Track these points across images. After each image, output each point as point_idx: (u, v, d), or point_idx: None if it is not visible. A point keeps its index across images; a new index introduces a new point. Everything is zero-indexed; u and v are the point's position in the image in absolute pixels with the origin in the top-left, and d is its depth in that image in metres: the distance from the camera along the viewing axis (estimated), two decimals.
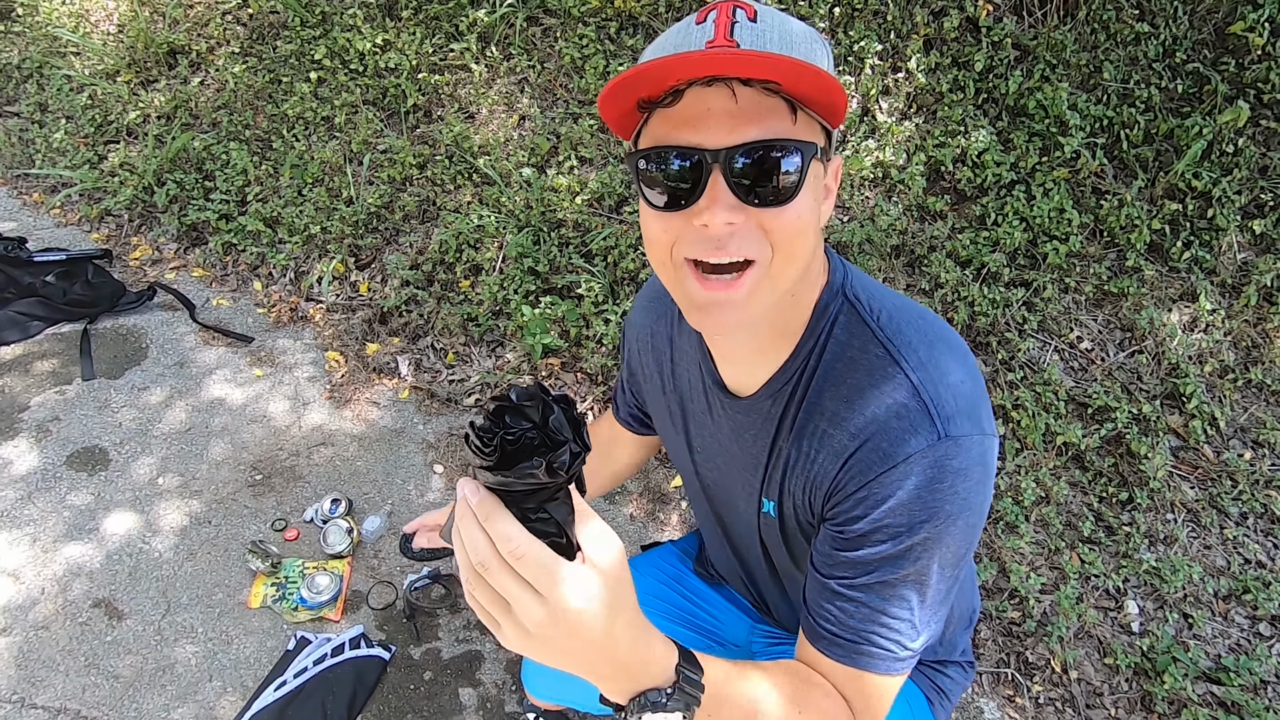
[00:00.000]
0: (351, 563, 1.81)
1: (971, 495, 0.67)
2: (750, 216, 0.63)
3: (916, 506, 0.67)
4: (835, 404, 0.72)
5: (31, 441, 2.06)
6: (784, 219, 0.63)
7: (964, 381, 0.70)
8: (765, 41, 0.61)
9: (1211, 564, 1.84)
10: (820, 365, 0.73)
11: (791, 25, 0.64)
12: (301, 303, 2.51)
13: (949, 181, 2.46)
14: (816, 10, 2.63)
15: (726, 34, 0.61)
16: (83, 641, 1.66)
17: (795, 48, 0.62)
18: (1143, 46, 2.50)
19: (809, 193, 0.64)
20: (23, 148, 3.02)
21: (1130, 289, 2.22)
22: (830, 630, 0.73)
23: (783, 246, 0.64)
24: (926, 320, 0.74)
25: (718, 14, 0.63)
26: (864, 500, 0.69)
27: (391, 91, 2.82)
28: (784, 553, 0.87)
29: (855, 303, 0.74)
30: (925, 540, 0.68)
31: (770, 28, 0.62)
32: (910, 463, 0.66)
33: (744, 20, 0.62)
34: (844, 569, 0.72)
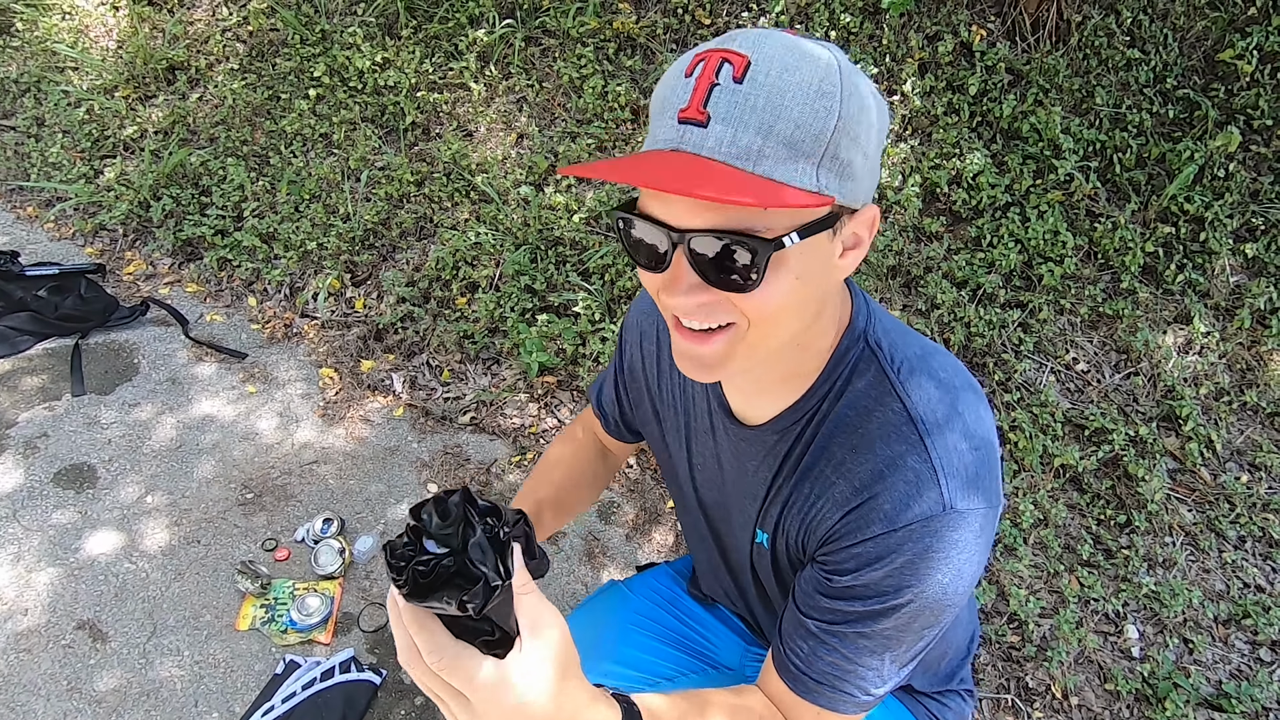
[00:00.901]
0: (343, 584, 1.78)
1: (965, 566, 0.67)
2: (717, 294, 0.60)
3: (908, 572, 0.66)
4: (844, 452, 0.70)
5: (18, 458, 2.03)
6: (751, 303, 0.59)
7: (979, 449, 0.68)
8: (744, 112, 0.54)
9: (1211, 588, 1.83)
10: (834, 411, 0.72)
11: (787, 82, 0.54)
12: (296, 319, 2.49)
13: (944, 203, 2.47)
14: (813, 34, 2.66)
15: (701, 102, 0.55)
16: (65, 664, 1.62)
17: (783, 114, 0.54)
18: (1134, 72, 2.54)
19: (783, 276, 0.59)
20: (18, 161, 3.01)
21: (1125, 311, 2.23)
22: (797, 666, 0.74)
23: (757, 323, 0.61)
24: (949, 374, 0.71)
25: (702, 69, 0.55)
26: (857, 555, 0.68)
27: (390, 109, 2.83)
28: (774, 583, 0.87)
29: (877, 350, 0.71)
30: (909, 603, 0.68)
31: (758, 90, 0.54)
32: (910, 529, 0.66)
33: (727, 81, 0.54)
34: (823, 613, 0.72)
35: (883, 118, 0.61)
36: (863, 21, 2.65)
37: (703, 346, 0.63)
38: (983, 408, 0.71)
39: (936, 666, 1.00)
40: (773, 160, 0.55)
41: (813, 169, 0.56)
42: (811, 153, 0.55)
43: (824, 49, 0.57)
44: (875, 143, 0.60)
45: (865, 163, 0.59)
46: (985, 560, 0.70)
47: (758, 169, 0.54)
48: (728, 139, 0.54)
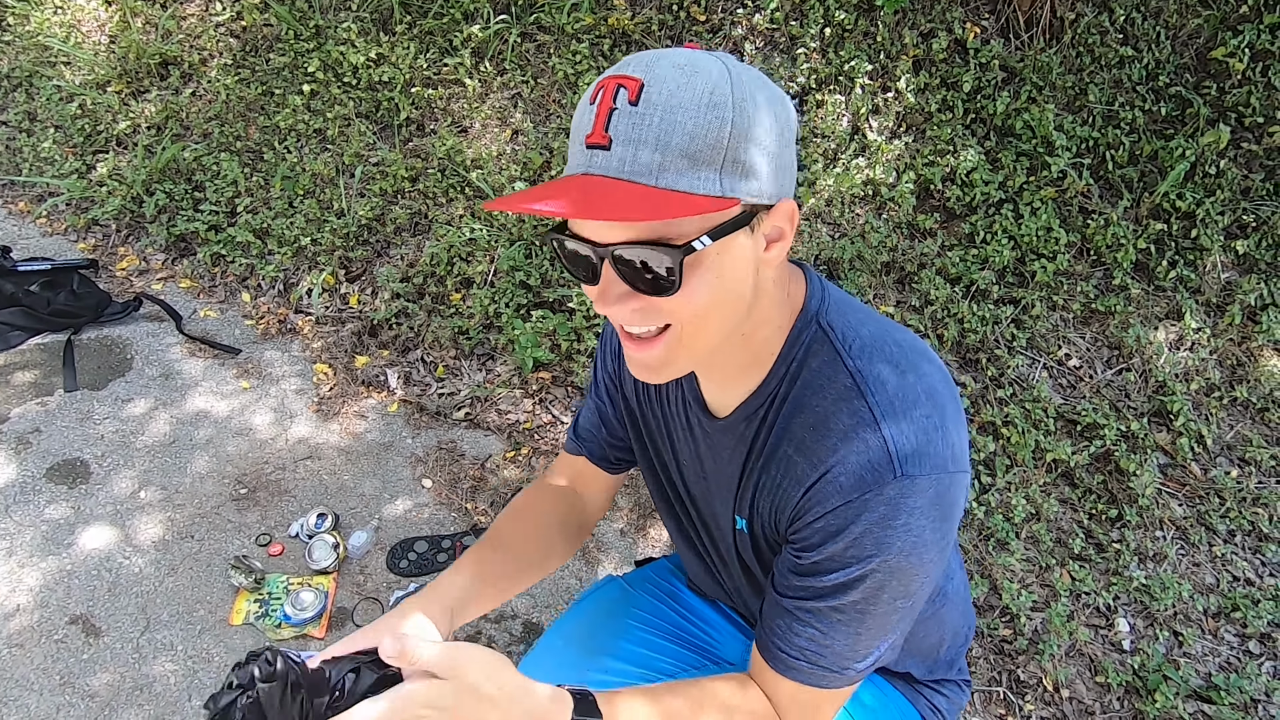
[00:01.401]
0: (337, 579, 1.78)
1: (925, 532, 0.69)
2: (646, 300, 0.64)
3: (868, 541, 0.68)
4: (803, 431, 0.73)
5: (10, 453, 2.02)
6: (675, 304, 0.63)
7: (930, 416, 0.69)
8: (641, 131, 0.58)
9: (1201, 581, 1.84)
10: (792, 392, 0.74)
11: (680, 100, 0.57)
12: (290, 315, 2.49)
13: (938, 200, 2.48)
14: (807, 31, 2.67)
15: (603, 126, 0.59)
16: (58, 659, 1.62)
17: (678, 129, 0.57)
18: (1127, 70, 2.55)
19: (702, 276, 0.62)
20: (9, 156, 3.00)
21: (1117, 307, 2.24)
22: (776, 644, 0.76)
23: (686, 323, 0.65)
24: (902, 349, 0.73)
25: (602, 96, 0.59)
26: (819, 529, 0.71)
27: (384, 105, 2.82)
28: (759, 568, 0.88)
29: (829, 330, 0.74)
30: (875, 573, 0.70)
31: (652, 110, 0.57)
32: (865, 499, 0.68)
33: (624, 104, 0.58)
34: (795, 590, 0.74)
35: (784, 117, 0.64)
36: (857, 18, 2.66)
37: (646, 352, 0.67)
38: (937, 377, 0.73)
39: (935, 654, 1.00)
40: (674, 172, 0.58)
41: (715, 175, 0.59)
42: (710, 160, 0.59)
43: (715, 61, 0.61)
44: (779, 141, 0.63)
45: (770, 161, 0.62)
46: (950, 528, 0.71)
47: (660, 182, 0.58)
48: (629, 158, 0.58)
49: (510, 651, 1.67)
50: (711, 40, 2.79)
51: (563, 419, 2.19)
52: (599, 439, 1.02)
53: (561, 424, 2.18)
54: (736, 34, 2.78)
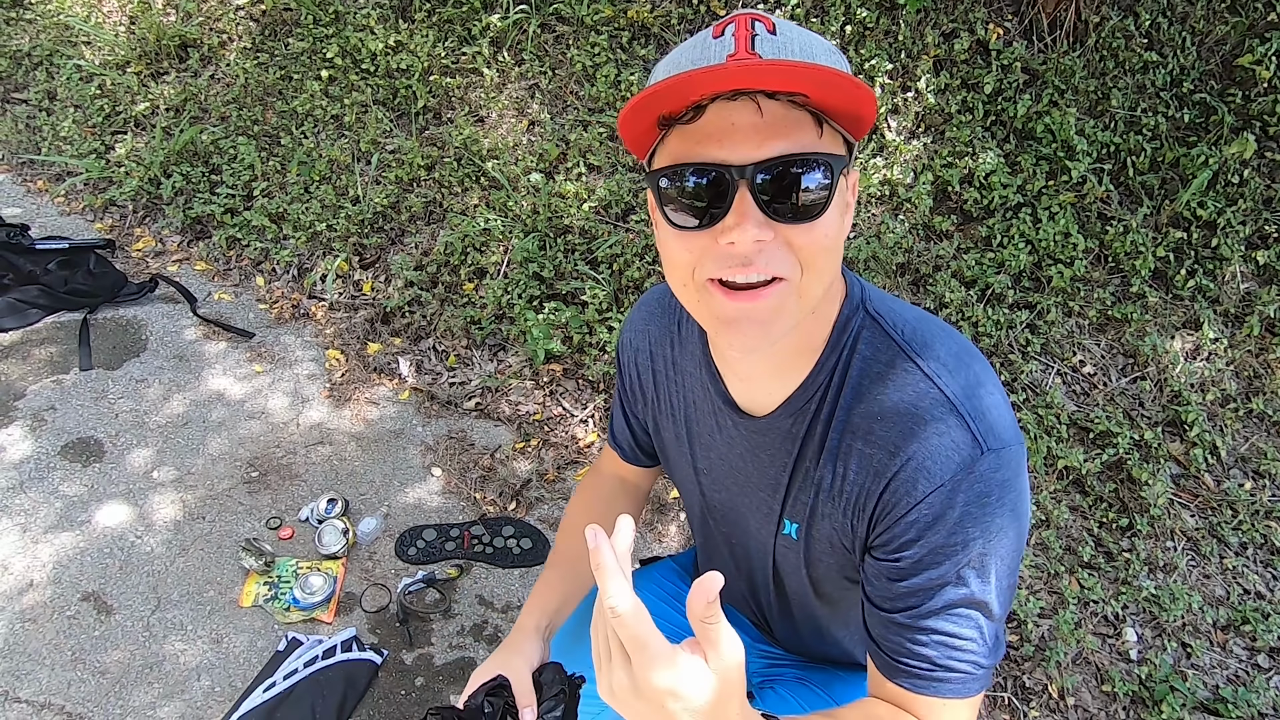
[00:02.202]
0: (346, 564, 1.79)
1: (1019, 504, 0.68)
2: (779, 233, 0.61)
3: (968, 524, 0.66)
4: (869, 422, 0.70)
5: (26, 430, 2.04)
6: (813, 235, 0.62)
7: (994, 393, 0.70)
8: (788, 54, 0.60)
9: (1211, 593, 1.83)
10: (846, 382, 0.72)
11: (812, 39, 0.63)
12: (304, 300, 2.50)
13: (955, 202, 2.47)
14: (829, 28, 2.65)
15: (748, 47, 0.60)
16: (70, 635, 1.63)
17: (817, 59, 0.61)
18: (1151, 75, 2.52)
19: (837, 208, 0.63)
20: (29, 135, 3.01)
21: (1134, 315, 2.22)
22: (906, 664, 0.72)
23: (811, 263, 0.63)
24: (948, 333, 0.74)
25: (736, 27, 0.61)
26: (913, 523, 0.68)
27: (402, 92, 2.82)
28: (802, 575, 0.85)
29: (878, 317, 0.73)
30: (980, 556, 0.67)
31: (791, 40, 0.61)
32: (957, 480, 0.66)
33: (764, 33, 0.60)
34: (905, 599, 0.70)
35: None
36: (879, 16, 2.63)
37: (755, 302, 0.63)
38: (984, 358, 0.73)
39: None
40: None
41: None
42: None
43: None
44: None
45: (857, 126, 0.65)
46: (1029, 497, 0.71)
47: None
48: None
49: None
50: None
51: (573, 411, 2.19)
52: (628, 442, 1.05)
53: (571, 416, 2.18)
54: None
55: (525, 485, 2.00)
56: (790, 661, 1.09)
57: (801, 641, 1.03)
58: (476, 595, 1.76)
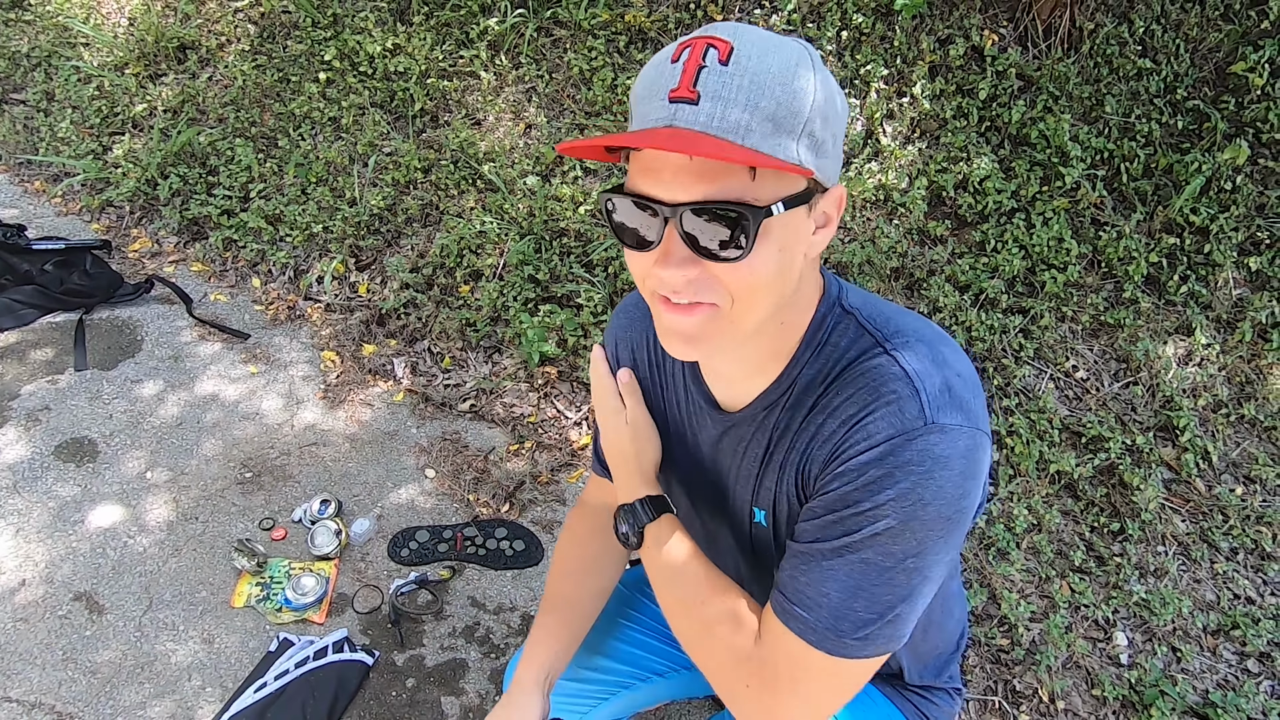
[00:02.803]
0: (338, 565, 1.80)
1: (948, 486, 0.66)
2: (706, 269, 0.64)
3: (887, 484, 0.66)
4: (829, 397, 0.73)
5: (20, 430, 2.04)
6: (739, 274, 0.64)
7: (959, 376, 0.70)
8: (731, 91, 0.59)
9: (1201, 598, 1.84)
10: (817, 371, 0.74)
11: (768, 65, 0.59)
12: (299, 301, 2.50)
13: (950, 207, 2.48)
14: (824, 33, 2.66)
15: (690, 82, 0.59)
16: (61, 635, 1.63)
17: (766, 93, 0.59)
18: (1144, 82, 2.54)
19: (768, 246, 0.63)
20: (27, 135, 3.02)
21: (1126, 320, 2.23)
22: (779, 590, 0.74)
23: (740, 297, 0.65)
24: (924, 324, 0.75)
25: (689, 54, 0.60)
26: (840, 474, 0.69)
27: (399, 95, 2.83)
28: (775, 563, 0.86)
29: (853, 312, 0.75)
30: (888, 519, 0.66)
31: (742, 71, 0.59)
32: (892, 442, 0.66)
33: (714, 64, 0.59)
34: (806, 532, 0.72)
35: (845, 106, 0.68)
36: (875, 22, 2.65)
37: (687, 317, 0.67)
38: (960, 352, 0.74)
39: (928, 658, 1.00)
40: (759, 135, 0.60)
41: (794, 144, 0.61)
42: (792, 129, 0.61)
43: (794, 40, 0.63)
44: (841, 127, 0.66)
45: (834, 144, 0.65)
46: (975, 491, 0.68)
47: (746, 142, 0.59)
48: (718, 114, 0.59)
49: (508, 643, 1.68)
50: None
51: (566, 413, 2.20)
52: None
53: (565, 418, 2.19)
54: None
55: (519, 487, 2.01)
56: None
57: None
58: (469, 597, 1.76)
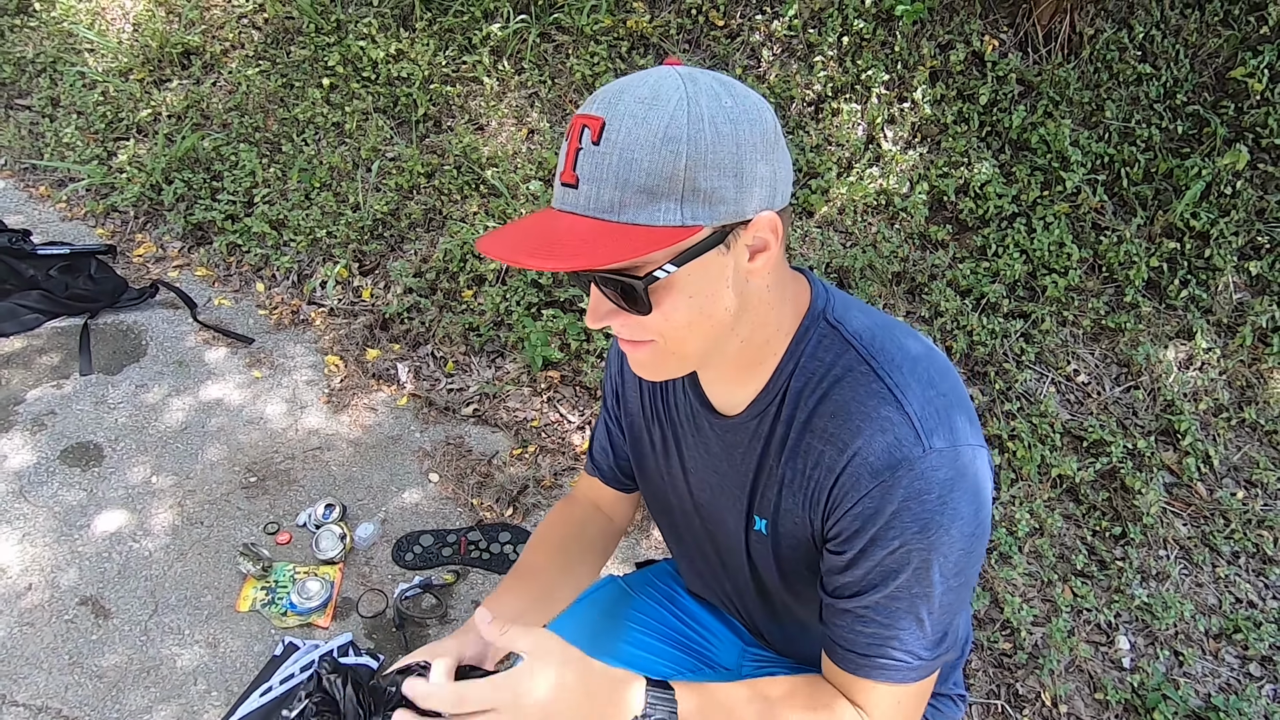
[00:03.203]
0: (343, 569, 1.80)
1: (961, 505, 0.70)
2: (628, 316, 0.68)
3: (907, 519, 0.69)
4: (824, 421, 0.74)
5: (26, 435, 2.05)
6: (653, 323, 0.67)
7: (947, 394, 0.72)
8: (602, 171, 0.61)
9: (1203, 602, 1.84)
10: (806, 385, 0.76)
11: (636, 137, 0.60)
12: (303, 306, 2.51)
13: (951, 211, 2.49)
14: (825, 39, 2.68)
15: (571, 165, 0.63)
16: (67, 639, 1.64)
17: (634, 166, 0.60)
18: (1144, 87, 2.55)
19: (674, 297, 0.66)
20: (32, 141, 3.03)
21: (1127, 325, 2.24)
22: (843, 646, 0.77)
23: (667, 338, 0.69)
24: (909, 337, 0.76)
25: (571, 136, 0.64)
26: (857, 515, 0.72)
27: (403, 100, 2.84)
28: (774, 571, 0.88)
29: (838, 325, 0.76)
30: (920, 552, 0.70)
31: (611, 148, 0.61)
32: (898, 475, 0.69)
33: (588, 144, 0.62)
34: (847, 587, 0.75)
35: (757, 131, 0.64)
36: (875, 28, 2.66)
37: (634, 352, 0.72)
38: (942, 360, 0.76)
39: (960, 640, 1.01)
40: (634, 208, 0.62)
41: (675, 205, 0.62)
42: (669, 192, 0.61)
43: (679, 87, 0.62)
44: (750, 159, 0.63)
45: (738, 182, 0.63)
46: (985, 500, 0.72)
47: (622, 218, 0.62)
48: (593, 196, 0.62)
49: None
50: (729, 46, 2.80)
51: (569, 418, 2.20)
52: (608, 463, 1.05)
53: (568, 423, 2.19)
54: (754, 40, 2.79)
55: (522, 491, 2.01)
56: (783, 665, 1.10)
57: (790, 642, 1.05)
58: (473, 601, 1.77)
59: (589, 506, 1.10)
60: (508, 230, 0.66)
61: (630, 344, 0.72)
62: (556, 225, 0.64)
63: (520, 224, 0.66)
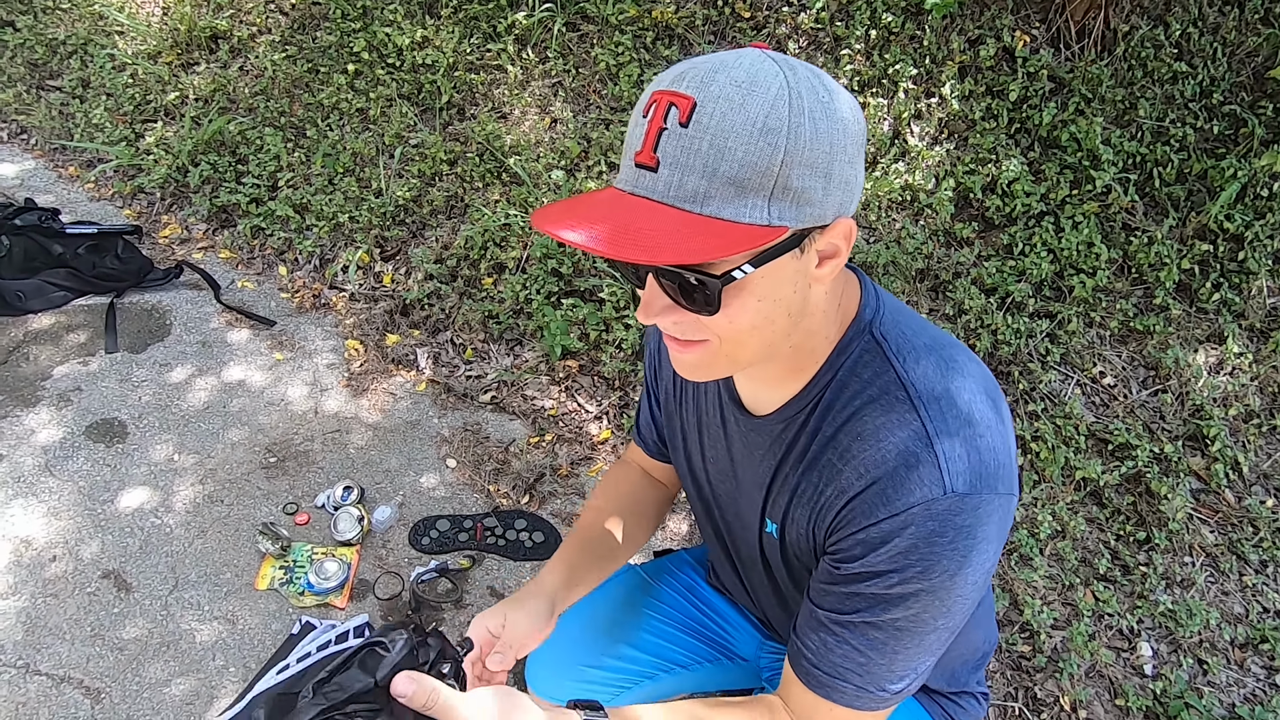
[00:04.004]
0: (360, 551, 1.81)
1: (972, 553, 0.67)
2: (686, 314, 0.64)
3: (913, 557, 0.67)
4: (848, 440, 0.71)
5: (53, 410, 2.08)
6: (716, 324, 0.63)
7: (983, 436, 0.68)
8: (689, 156, 0.56)
9: (1229, 610, 1.81)
10: (838, 400, 0.73)
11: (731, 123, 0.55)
12: (325, 290, 2.53)
13: (977, 209, 2.45)
14: (853, 32, 2.64)
15: (652, 146, 0.57)
16: (90, 611, 1.66)
17: (726, 155, 0.55)
18: (1180, 85, 2.50)
19: (743, 299, 0.62)
20: (62, 122, 3.07)
21: (1156, 327, 2.20)
22: (810, 660, 0.74)
23: (726, 339, 0.65)
24: (957, 364, 0.72)
25: (654, 112, 0.57)
26: (862, 540, 0.69)
27: (427, 87, 2.85)
28: (786, 574, 0.87)
29: (882, 341, 0.72)
30: (917, 591, 0.68)
31: (701, 133, 0.55)
32: (913, 513, 0.66)
33: (674, 125, 0.56)
34: (833, 602, 0.73)
35: (850, 133, 0.60)
36: (904, 21, 2.63)
37: (684, 353, 0.68)
38: (992, 397, 0.72)
39: (954, 665, 1.00)
40: (719, 200, 0.57)
41: (763, 202, 0.57)
42: (760, 187, 0.57)
43: (778, 75, 0.57)
44: (841, 161, 0.60)
45: (826, 184, 0.59)
46: (997, 551, 0.70)
47: (705, 209, 0.57)
48: (675, 183, 0.57)
49: None
50: (755, 38, 2.77)
51: (587, 407, 2.20)
52: (652, 437, 1.06)
53: (586, 412, 2.19)
54: (781, 32, 2.76)
55: (539, 479, 2.01)
56: None
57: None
58: (488, 586, 1.77)
59: (639, 470, 1.12)
60: (572, 210, 0.59)
61: (680, 343, 0.67)
62: (632, 212, 0.58)
63: (584, 202, 0.60)
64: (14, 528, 1.80)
